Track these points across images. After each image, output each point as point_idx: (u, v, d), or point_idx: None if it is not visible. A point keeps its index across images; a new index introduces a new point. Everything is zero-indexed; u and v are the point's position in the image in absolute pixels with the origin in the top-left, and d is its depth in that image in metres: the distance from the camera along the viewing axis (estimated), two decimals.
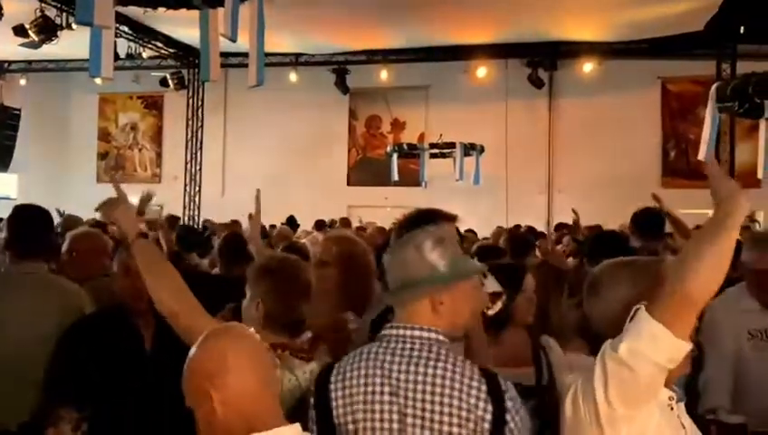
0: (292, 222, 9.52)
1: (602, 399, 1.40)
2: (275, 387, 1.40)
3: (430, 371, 1.58)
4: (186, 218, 14.87)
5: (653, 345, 1.37)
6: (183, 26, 12.26)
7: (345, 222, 9.53)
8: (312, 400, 1.69)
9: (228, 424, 1.28)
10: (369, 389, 1.61)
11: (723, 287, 2.67)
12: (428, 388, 1.57)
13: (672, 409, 1.53)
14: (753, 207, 12.65)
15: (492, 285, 2.20)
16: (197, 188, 15.56)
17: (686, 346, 1.39)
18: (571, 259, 4.04)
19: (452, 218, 2.24)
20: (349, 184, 15.90)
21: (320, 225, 9.23)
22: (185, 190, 15.47)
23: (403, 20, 11.58)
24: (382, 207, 14.65)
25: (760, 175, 7.26)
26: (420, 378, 1.58)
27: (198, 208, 15.38)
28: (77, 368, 2.33)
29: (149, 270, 1.96)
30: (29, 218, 2.89)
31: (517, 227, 9.05)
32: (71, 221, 5.62)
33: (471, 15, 11.45)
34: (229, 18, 4.45)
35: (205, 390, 1.28)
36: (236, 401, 1.28)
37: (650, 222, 4.01)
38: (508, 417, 1.55)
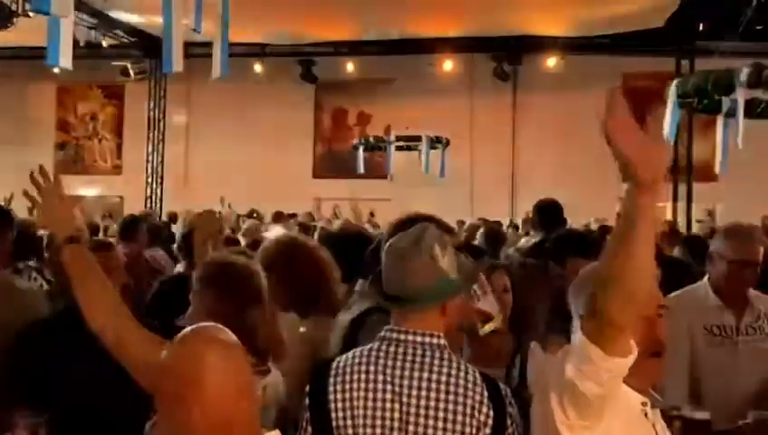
0: (256, 217, 9.45)
1: (558, 408, 1.38)
2: (254, 392, 1.34)
3: (434, 376, 1.58)
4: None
5: (589, 366, 1.31)
6: (144, 15, 12.01)
7: (309, 216, 9.47)
8: (306, 401, 1.65)
9: (206, 432, 1.20)
10: (371, 394, 1.59)
11: (689, 281, 2.68)
12: (432, 394, 1.56)
13: (646, 415, 1.52)
14: (711, 200, 13.02)
15: (488, 304, 2.10)
16: (159, 180, 15.29)
17: (625, 362, 1.32)
18: None
19: (449, 230, 2.21)
20: (314, 176, 15.83)
21: (278, 216, 9.12)
22: (146, 183, 15.19)
23: (370, 12, 11.54)
24: (348, 199, 14.61)
25: (717, 170, 7.45)
26: (425, 384, 1.57)
27: (161, 201, 15.12)
28: (33, 371, 2.25)
29: (80, 281, 1.80)
30: None
31: (480, 220, 9.13)
32: None
33: (437, 9, 11.47)
34: (193, 7, 4.36)
35: (181, 395, 1.20)
36: (215, 408, 1.20)
37: (550, 214, 4.11)
38: (508, 422, 1.57)
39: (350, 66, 14.52)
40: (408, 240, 1.68)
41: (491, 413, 1.55)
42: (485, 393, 1.57)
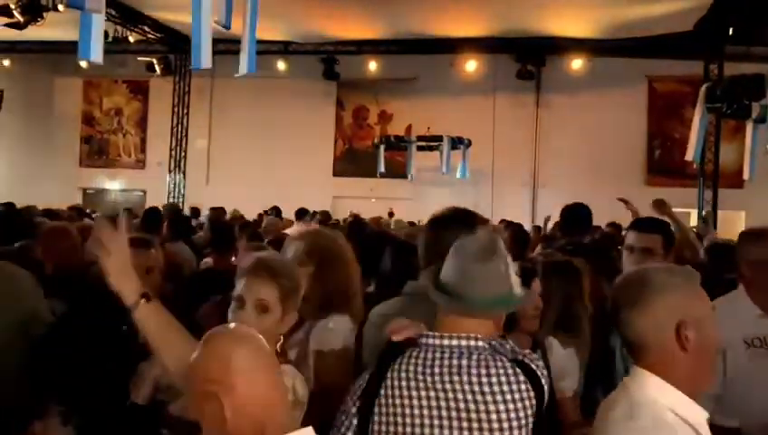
0: (278, 213, 9.45)
1: None
2: (283, 390, 1.33)
3: (474, 378, 1.56)
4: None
5: None
6: (170, 11, 12.12)
7: (325, 215, 9.45)
8: (355, 407, 1.64)
9: (239, 431, 1.20)
10: (407, 401, 1.58)
11: (720, 292, 2.60)
12: (479, 397, 1.55)
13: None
14: (737, 207, 12.83)
15: None
16: (182, 176, 15.43)
17: None
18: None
19: (485, 222, 2.20)
20: (334, 175, 15.87)
21: (300, 214, 9.10)
22: (169, 177, 15.34)
23: (393, 11, 11.54)
24: (368, 198, 14.65)
25: (745, 176, 7.32)
26: (467, 387, 1.56)
27: (183, 196, 15.26)
28: (66, 361, 2.28)
29: (159, 339, 1.67)
30: None
31: (502, 221, 9.08)
32: None
33: (461, 9, 11.43)
34: (223, 4, 4.38)
35: (212, 394, 1.20)
36: (246, 407, 1.20)
37: (576, 219, 4.05)
38: (545, 398, 1.59)
39: (372, 65, 14.52)
40: (482, 244, 1.66)
41: (533, 401, 1.56)
42: (531, 394, 1.56)
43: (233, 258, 4.10)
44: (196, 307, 2.79)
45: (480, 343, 1.61)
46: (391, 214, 11.52)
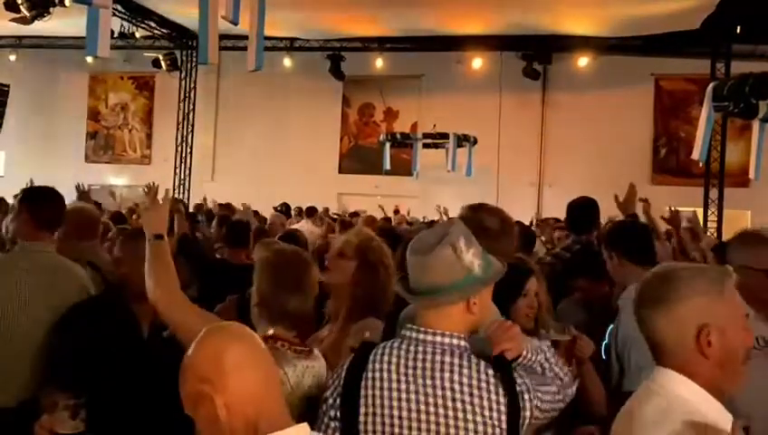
0: (286, 209, 9.50)
1: None
2: (278, 385, 1.33)
3: (456, 377, 1.56)
4: None
5: None
6: (177, 7, 12.13)
7: (326, 212, 9.51)
8: (337, 399, 1.65)
9: (232, 429, 1.21)
10: (395, 394, 1.59)
11: None
12: (455, 394, 1.55)
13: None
14: (742, 206, 12.77)
15: None
16: (187, 172, 15.45)
17: None
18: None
19: (506, 220, 2.23)
20: (340, 172, 15.87)
21: (310, 211, 9.16)
22: (174, 173, 15.35)
23: (399, 8, 11.53)
24: (373, 195, 14.65)
25: (751, 175, 7.29)
26: (447, 384, 1.56)
27: (188, 192, 15.28)
28: (73, 353, 2.29)
29: (153, 265, 2.10)
30: (47, 200, 2.89)
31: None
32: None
33: (468, 6, 11.42)
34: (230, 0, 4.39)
35: (205, 393, 1.21)
36: (239, 404, 1.21)
37: (582, 215, 3.93)
38: (526, 414, 1.56)
39: (378, 62, 14.52)
40: (432, 234, 1.66)
41: (505, 410, 1.54)
42: (501, 392, 1.55)
43: (244, 256, 4.12)
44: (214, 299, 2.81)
45: (462, 343, 1.61)
46: (396, 211, 11.51)
